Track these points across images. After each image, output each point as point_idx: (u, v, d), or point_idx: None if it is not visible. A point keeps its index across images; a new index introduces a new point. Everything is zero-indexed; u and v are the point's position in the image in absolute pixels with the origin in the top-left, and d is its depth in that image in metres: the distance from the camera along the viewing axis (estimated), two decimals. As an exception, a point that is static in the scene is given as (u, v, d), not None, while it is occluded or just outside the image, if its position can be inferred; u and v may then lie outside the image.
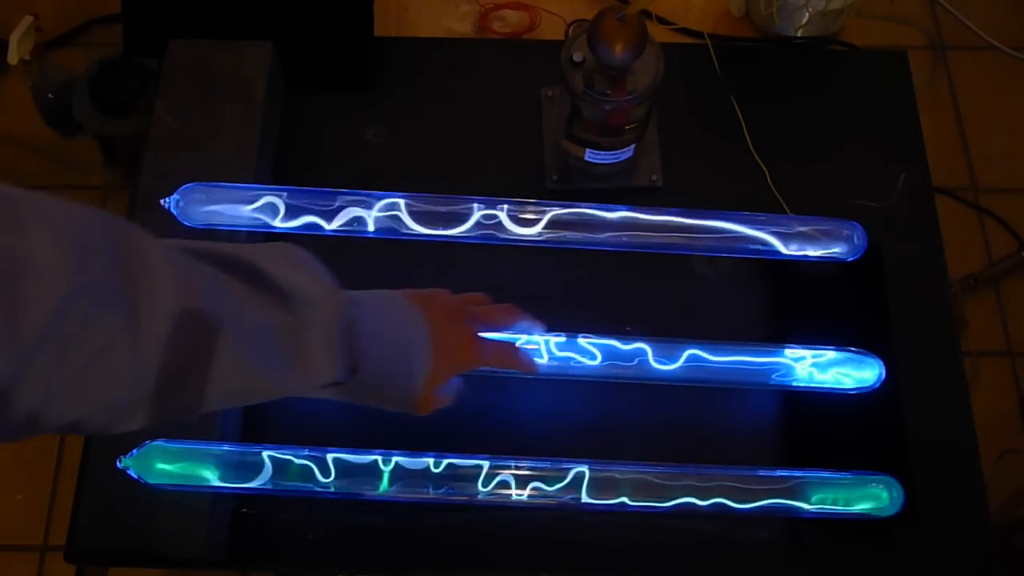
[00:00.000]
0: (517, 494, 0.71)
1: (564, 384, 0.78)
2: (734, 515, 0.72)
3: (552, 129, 0.92)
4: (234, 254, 0.50)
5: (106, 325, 0.39)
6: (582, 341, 0.75)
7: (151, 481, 0.70)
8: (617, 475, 0.72)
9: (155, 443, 0.71)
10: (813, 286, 0.86)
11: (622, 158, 0.88)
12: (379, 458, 0.71)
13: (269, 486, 0.71)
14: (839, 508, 0.72)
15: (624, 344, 0.75)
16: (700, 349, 0.75)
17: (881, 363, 0.75)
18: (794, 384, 0.76)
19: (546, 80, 0.94)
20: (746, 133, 0.92)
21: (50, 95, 1.27)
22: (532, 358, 0.71)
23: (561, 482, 0.71)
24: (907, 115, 0.95)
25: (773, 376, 0.76)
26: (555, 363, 0.74)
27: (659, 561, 0.78)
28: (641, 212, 0.78)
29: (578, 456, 0.73)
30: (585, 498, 0.71)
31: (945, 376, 0.84)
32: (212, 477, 0.71)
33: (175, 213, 0.76)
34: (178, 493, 0.71)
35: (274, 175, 0.88)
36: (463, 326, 0.66)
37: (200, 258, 0.47)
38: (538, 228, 0.78)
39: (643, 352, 0.75)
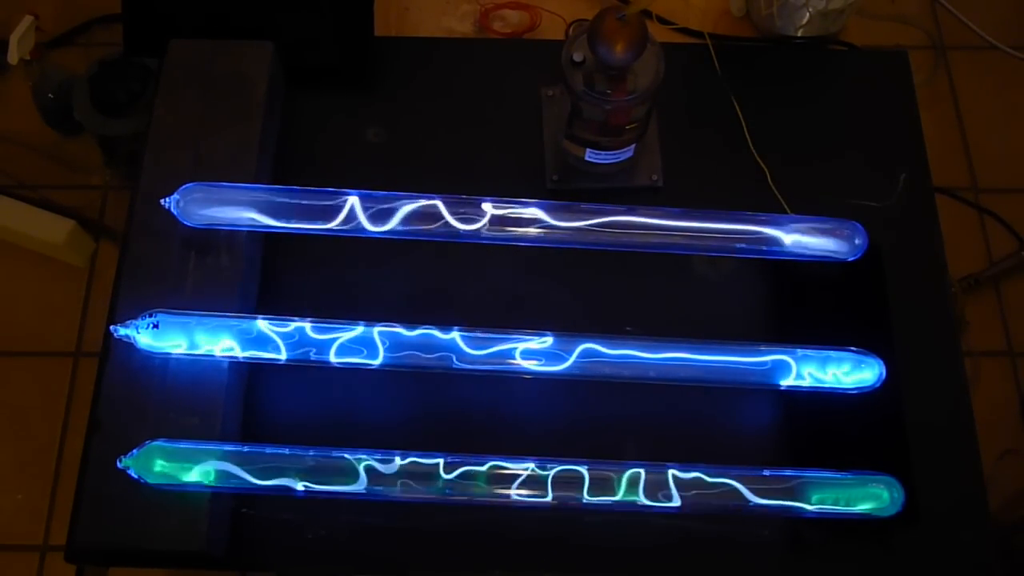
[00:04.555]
0: (517, 494, 0.71)
1: (564, 384, 0.78)
2: (734, 515, 0.72)
3: (552, 129, 0.92)
4: None
5: None
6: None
7: (151, 481, 0.70)
8: (617, 475, 0.72)
9: (155, 443, 0.70)
10: (813, 286, 0.86)
11: (622, 158, 0.88)
12: (379, 458, 0.71)
13: (269, 486, 0.71)
14: (840, 508, 0.72)
15: (621, 344, 0.75)
16: (700, 349, 0.75)
17: (881, 363, 0.75)
18: (794, 384, 0.76)
19: (546, 80, 0.94)
20: (746, 133, 0.92)
21: (50, 95, 1.27)
22: None
23: (561, 482, 0.71)
24: (907, 115, 0.95)
25: (773, 376, 0.75)
26: (555, 363, 0.74)
27: (659, 561, 0.78)
28: (641, 212, 0.78)
29: (578, 456, 0.73)
30: (585, 498, 0.71)
31: (945, 376, 0.84)
32: (212, 477, 0.70)
33: (175, 213, 0.76)
34: (178, 493, 0.71)
35: (274, 175, 0.88)
36: None
37: None
38: (537, 228, 0.78)
39: (641, 351, 0.75)
